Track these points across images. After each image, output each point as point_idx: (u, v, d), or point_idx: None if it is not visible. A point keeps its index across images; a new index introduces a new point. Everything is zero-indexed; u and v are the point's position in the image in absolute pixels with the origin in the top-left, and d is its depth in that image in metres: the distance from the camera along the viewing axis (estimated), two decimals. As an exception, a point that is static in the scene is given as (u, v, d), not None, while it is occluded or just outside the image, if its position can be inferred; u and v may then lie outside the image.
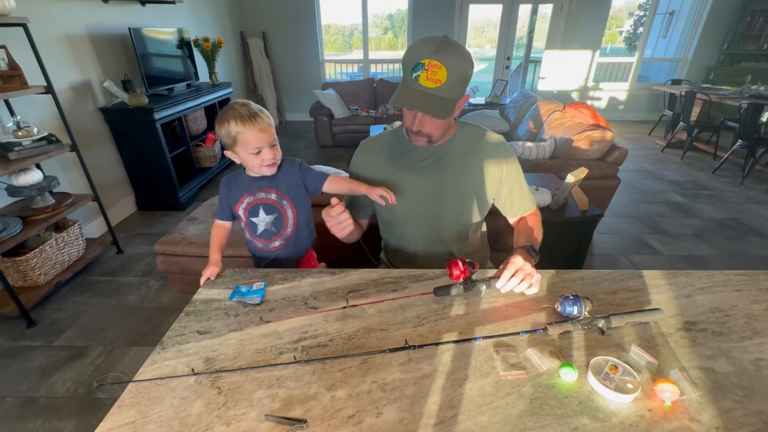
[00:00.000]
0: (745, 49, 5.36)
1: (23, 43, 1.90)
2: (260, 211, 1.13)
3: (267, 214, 1.14)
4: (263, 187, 1.12)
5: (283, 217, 1.15)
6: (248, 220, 1.15)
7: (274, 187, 1.12)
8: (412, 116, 0.92)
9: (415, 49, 0.85)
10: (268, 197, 1.12)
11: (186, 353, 0.76)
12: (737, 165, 4.03)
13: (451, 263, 0.90)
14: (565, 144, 2.53)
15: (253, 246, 1.21)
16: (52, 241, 2.05)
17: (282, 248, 1.18)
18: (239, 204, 1.13)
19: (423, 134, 0.94)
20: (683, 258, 2.45)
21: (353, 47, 11.44)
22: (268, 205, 1.13)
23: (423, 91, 0.84)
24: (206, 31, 4.21)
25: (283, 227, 1.16)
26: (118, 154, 2.92)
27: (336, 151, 4.68)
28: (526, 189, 1.12)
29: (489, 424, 0.61)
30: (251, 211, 1.13)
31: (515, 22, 5.40)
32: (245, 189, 1.12)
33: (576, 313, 0.80)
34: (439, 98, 0.85)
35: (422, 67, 0.82)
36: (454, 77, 0.83)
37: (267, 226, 1.15)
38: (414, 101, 0.86)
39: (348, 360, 0.74)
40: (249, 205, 1.13)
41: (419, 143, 0.98)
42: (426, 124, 0.92)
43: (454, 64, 0.82)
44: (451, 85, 0.84)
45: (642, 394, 0.65)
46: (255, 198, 1.12)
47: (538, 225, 1.11)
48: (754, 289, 0.93)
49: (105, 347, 1.76)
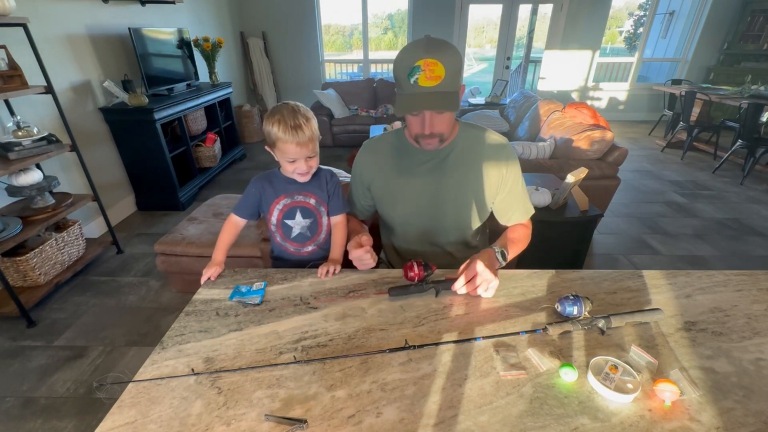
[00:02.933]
0: (745, 49, 5.36)
1: (23, 43, 1.89)
2: (297, 214, 1.11)
3: (304, 218, 1.12)
4: (303, 190, 1.10)
5: (319, 223, 1.13)
6: (281, 222, 1.12)
7: (313, 192, 1.10)
8: (421, 121, 0.91)
9: (404, 56, 0.85)
10: (307, 201, 1.11)
11: (186, 353, 0.76)
12: (737, 165, 4.03)
13: (406, 265, 0.91)
14: (565, 144, 2.53)
15: (282, 249, 1.17)
16: (52, 241, 2.05)
17: (314, 253, 1.17)
18: (274, 204, 1.10)
19: (435, 135, 0.93)
20: (683, 258, 2.45)
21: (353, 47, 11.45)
22: (306, 209, 1.11)
23: (427, 91, 0.84)
24: (206, 31, 4.21)
25: (318, 232, 1.15)
26: (118, 154, 2.92)
27: (336, 151, 4.68)
28: (524, 198, 1.10)
29: (489, 424, 0.61)
30: (287, 213, 1.11)
31: (515, 22, 5.40)
32: (283, 190, 1.10)
33: (576, 313, 0.80)
34: (443, 93, 0.85)
35: (418, 69, 0.82)
36: (451, 69, 0.84)
37: (302, 230, 1.13)
38: (423, 103, 0.85)
39: (348, 360, 0.74)
40: (286, 207, 1.10)
41: (431, 146, 0.96)
42: (436, 124, 0.91)
43: (447, 57, 0.83)
44: (451, 78, 0.84)
45: (642, 394, 0.65)
46: (293, 200, 1.10)
47: (524, 237, 1.10)
48: (754, 289, 0.93)
49: (105, 347, 1.76)
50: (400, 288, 0.89)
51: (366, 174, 1.12)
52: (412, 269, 0.90)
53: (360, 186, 1.15)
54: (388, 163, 1.08)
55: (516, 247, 1.05)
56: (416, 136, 0.95)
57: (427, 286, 0.90)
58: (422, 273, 0.90)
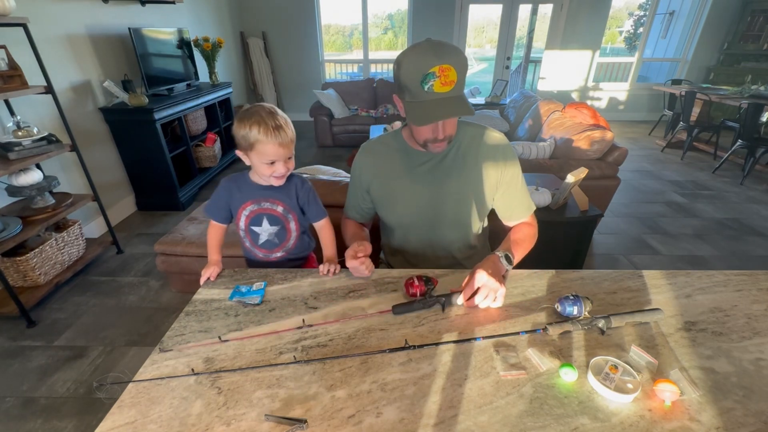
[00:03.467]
0: (745, 49, 5.36)
1: (23, 43, 1.89)
2: (264, 221, 1.10)
3: (271, 225, 1.10)
4: (270, 197, 1.07)
5: (287, 230, 1.12)
6: (248, 228, 1.10)
7: (280, 199, 1.08)
8: (434, 127, 0.90)
9: (414, 62, 0.83)
10: (274, 209, 1.08)
11: (186, 353, 0.76)
12: (737, 165, 4.03)
13: (407, 282, 0.90)
14: (565, 144, 2.53)
15: (252, 255, 1.16)
16: (52, 241, 2.05)
17: (282, 259, 1.16)
18: (241, 209, 1.08)
19: (447, 138, 0.93)
20: (683, 258, 2.45)
21: (353, 47, 11.44)
22: (273, 216, 1.09)
23: (442, 97, 0.83)
24: (206, 31, 4.21)
25: (286, 239, 1.13)
26: (118, 154, 2.92)
27: (336, 151, 4.68)
28: (524, 195, 1.09)
29: (489, 424, 0.61)
30: (253, 220, 1.09)
31: (515, 22, 5.40)
32: (250, 195, 1.07)
33: (576, 313, 0.80)
34: (458, 97, 0.85)
35: (433, 76, 0.81)
36: (462, 73, 0.84)
37: (270, 237, 1.12)
38: (444, 111, 0.85)
39: (348, 360, 0.74)
40: (252, 213, 1.08)
41: (441, 149, 0.96)
42: (448, 127, 0.91)
43: (457, 60, 0.83)
44: (461, 81, 0.85)
45: (642, 394, 0.65)
46: (260, 207, 1.08)
47: (529, 236, 1.06)
48: (754, 289, 0.93)
49: (105, 347, 1.76)
50: (404, 305, 0.86)
51: (364, 176, 1.11)
52: (413, 285, 0.88)
53: (359, 189, 1.14)
54: (387, 165, 1.08)
55: (521, 247, 1.03)
56: (426, 141, 0.94)
57: (432, 300, 0.87)
58: (423, 288, 0.88)
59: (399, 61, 0.87)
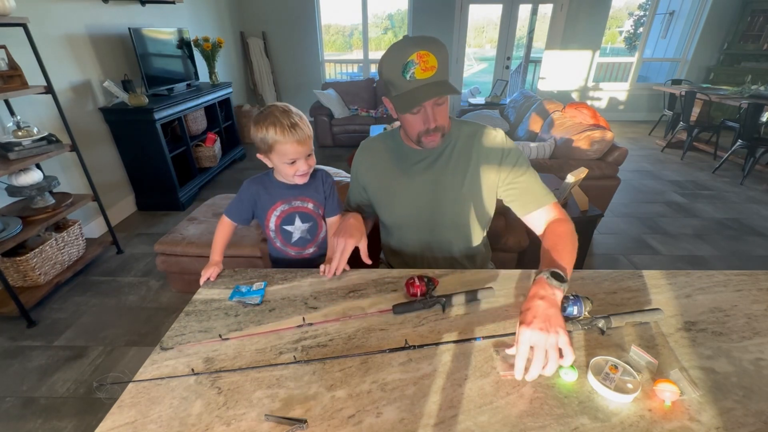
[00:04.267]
0: (745, 49, 5.36)
1: (23, 43, 1.90)
2: (296, 220, 1.10)
3: (303, 223, 1.11)
4: (299, 195, 1.08)
5: (318, 225, 1.13)
6: (280, 228, 1.10)
7: (310, 195, 1.09)
8: (423, 117, 0.89)
9: (393, 56, 0.84)
10: (305, 206, 1.09)
11: (186, 353, 0.76)
12: (737, 165, 4.03)
13: (407, 282, 0.90)
14: (565, 144, 2.53)
15: (283, 254, 1.16)
16: (52, 241, 2.05)
17: (316, 254, 1.17)
18: (271, 211, 1.08)
19: (439, 128, 0.92)
20: (683, 258, 2.45)
21: (353, 47, 11.44)
22: (305, 213, 1.10)
23: (425, 83, 0.83)
24: (206, 31, 4.21)
25: (317, 234, 1.14)
26: (118, 154, 2.92)
27: (336, 151, 4.68)
28: (535, 182, 1.00)
29: (489, 424, 0.61)
30: (285, 219, 1.09)
31: (515, 22, 5.40)
32: (279, 196, 1.07)
33: (576, 313, 0.80)
34: (442, 81, 0.85)
35: (413, 63, 0.82)
36: (442, 60, 0.84)
37: (303, 233, 1.12)
38: (428, 93, 0.84)
39: (348, 360, 0.74)
40: (284, 213, 1.09)
41: (434, 142, 0.94)
42: (438, 116, 0.90)
43: (435, 47, 0.83)
44: (443, 67, 0.84)
45: (642, 394, 0.65)
46: (290, 206, 1.08)
47: (564, 233, 0.91)
48: (754, 289, 0.93)
49: (105, 347, 1.76)
50: (404, 305, 0.86)
51: (362, 175, 1.12)
52: (414, 285, 0.88)
53: (357, 187, 1.15)
54: (384, 164, 1.08)
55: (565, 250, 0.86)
56: (419, 134, 0.93)
57: (432, 300, 0.87)
58: (424, 288, 0.88)
59: (380, 61, 0.89)
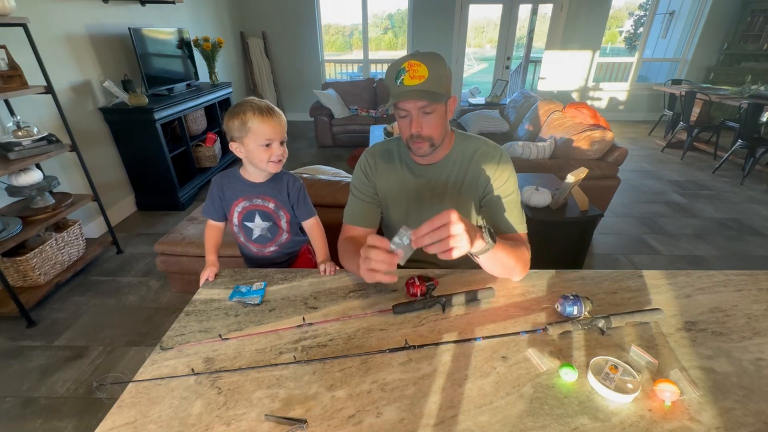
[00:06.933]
0: (745, 49, 5.36)
1: (23, 43, 1.89)
2: (256, 217, 1.12)
3: (263, 221, 1.13)
4: (260, 193, 1.10)
5: (278, 225, 1.15)
6: (242, 224, 1.13)
7: (271, 195, 1.10)
8: (408, 122, 0.92)
9: (394, 64, 0.90)
10: (265, 205, 1.11)
11: (186, 353, 0.76)
12: (737, 165, 4.03)
13: (407, 282, 0.90)
14: (565, 144, 2.53)
15: (247, 250, 1.20)
16: (52, 241, 2.05)
17: (276, 253, 1.19)
18: (233, 206, 1.11)
19: (423, 138, 0.93)
20: (683, 258, 2.45)
21: (353, 47, 11.44)
22: (264, 212, 1.12)
23: (409, 89, 0.87)
24: (206, 31, 4.21)
25: (278, 234, 1.16)
26: (118, 154, 2.92)
27: (336, 151, 4.68)
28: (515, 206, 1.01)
29: (489, 424, 0.61)
30: (246, 216, 1.12)
31: (515, 22, 5.40)
32: (241, 192, 1.10)
33: (576, 313, 0.80)
34: (426, 91, 0.87)
35: (404, 71, 0.87)
36: (434, 73, 0.87)
37: (262, 231, 1.14)
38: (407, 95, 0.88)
39: (348, 360, 0.74)
40: (244, 210, 1.11)
41: (422, 150, 0.95)
42: (424, 125, 0.91)
43: (430, 61, 0.87)
44: (434, 80, 0.87)
45: (642, 394, 0.65)
46: (251, 203, 1.11)
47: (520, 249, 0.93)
48: (754, 289, 0.93)
49: (105, 347, 1.76)
50: (404, 305, 0.86)
51: (371, 177, 1.10)
52: (414, 285, 0.88)
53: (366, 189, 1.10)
54: (388, 168, 1.08)
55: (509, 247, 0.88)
56: (407, 139, 0.96)
57: (432, 300, 0.87)
58: (424, 288, 0.88)
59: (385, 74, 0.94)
